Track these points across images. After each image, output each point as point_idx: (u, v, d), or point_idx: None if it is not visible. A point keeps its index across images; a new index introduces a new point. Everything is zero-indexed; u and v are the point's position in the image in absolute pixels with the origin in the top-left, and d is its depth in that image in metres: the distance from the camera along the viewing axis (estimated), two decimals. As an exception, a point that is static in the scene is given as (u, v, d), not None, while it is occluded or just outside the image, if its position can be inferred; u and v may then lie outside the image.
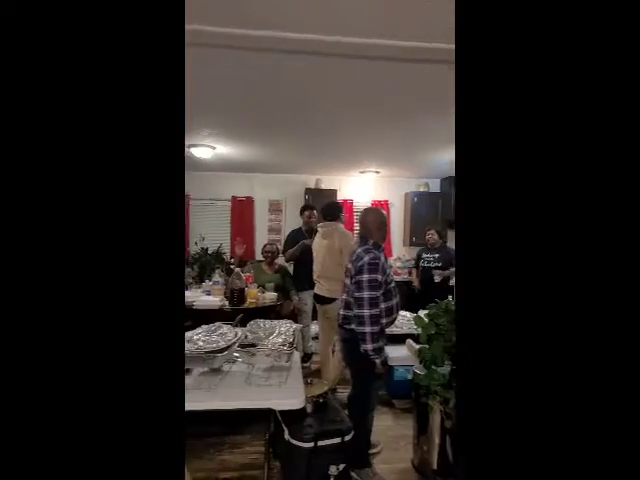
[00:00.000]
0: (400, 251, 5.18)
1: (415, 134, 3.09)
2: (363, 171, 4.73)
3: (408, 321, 2.80)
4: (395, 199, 5.18)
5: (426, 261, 3.72)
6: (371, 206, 4.89)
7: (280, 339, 1.57)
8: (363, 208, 2.56)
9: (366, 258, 1.72)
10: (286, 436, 1.56)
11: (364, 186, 5.13)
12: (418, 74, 1.94)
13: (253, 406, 1.34)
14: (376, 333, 1.69)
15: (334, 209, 2.77)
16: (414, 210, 4.95)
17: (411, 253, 4.77)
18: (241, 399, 1.34)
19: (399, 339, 2.55)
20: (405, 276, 4.62)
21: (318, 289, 2.76)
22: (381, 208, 4.58)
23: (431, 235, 3.78)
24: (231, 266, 3.43)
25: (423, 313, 2.08)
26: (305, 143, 3.52)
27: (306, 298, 3.19)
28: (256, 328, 1.65)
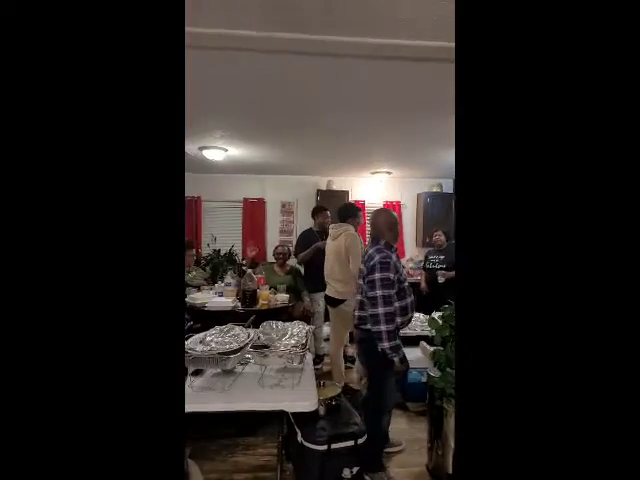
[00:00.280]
0: (413, 252, 5.13)
1: (427, 134, 3.05)
2: (375, 172, 4.70)
3: (421, 323, 2.77)
4: (407, 200, 5.14)
5: (431, 262, 3.69)
6: (382, 207, 4.88)
7: (293, 340, 1.57)
8: (374, 209, 2.55)
9: (377, 257, 1.74)
10: (299, 438, 1.55)
11: (376, 187, 5.10)
12: (429, 74, 1.92)
13: (266, 408, 1.34)
14: (392, 331, 1.68)
15: (345, 211, 2.76)
16: (427, 211, 4.89)
17: (424, 254, 4.72)
18: (254, 401, 1.34)
19: (412, 341, 2.53)
20: (418, 277, 4.57)
21: (328, 290, 2.77)
22: (392, 209, 4.57)
23: (438, 236, 3.74)
24: (243, 267, 3.45)
25: (437, 315, 2.05)
26: (316, 144, 3.52)
27: (318, 299, 3.18)
28: (269, 329, 1.64)
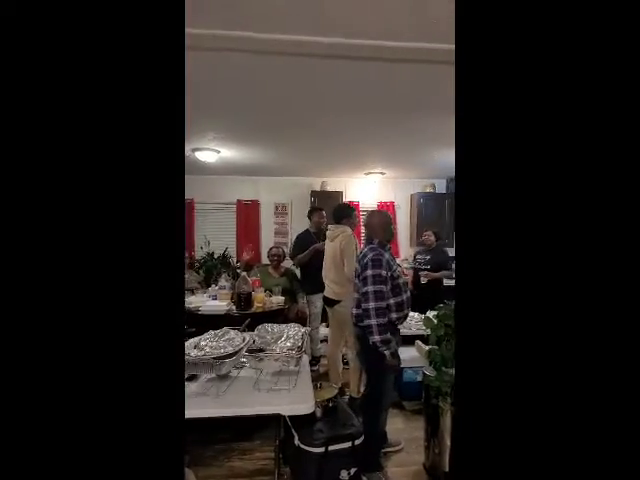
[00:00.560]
0: (407, 252, 5.15)
1: (420, 134, 3.07)
2: (368, 172, 4.71)
3: (416, 322, 2.78)
4: (401, 200, 5.15)
5: (418, 262, 3.68)
6: (376, 208, 4.90)
7: (289, 343, 1.56)
8: (369, 211, 2.56)
9: (370, 255, 1.83)
10: (296, 441, 1.55)
11: (370, 187, 5.11)
12: (423, 75, 1.93)
13: (262, 412, 1.33)
14: (382, 325, 1.73)
15: (340, 212, 2.76)
16: (420, 211, 4.91)
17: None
18: (249, 405, 1.33)
19: (408, 340, 2.53)
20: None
21: (326, 291, 2.78)
22: (386, 210, 4.59)
23: (428, 236, 3.73)
24: (237, 270, 3.43)
25: (432, 314, 2.06)
26: (310, 146, 3.52)
27: (315, 301, 3.18)
28: (264, 333, 1.64)
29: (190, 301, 2.75)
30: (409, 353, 2.45)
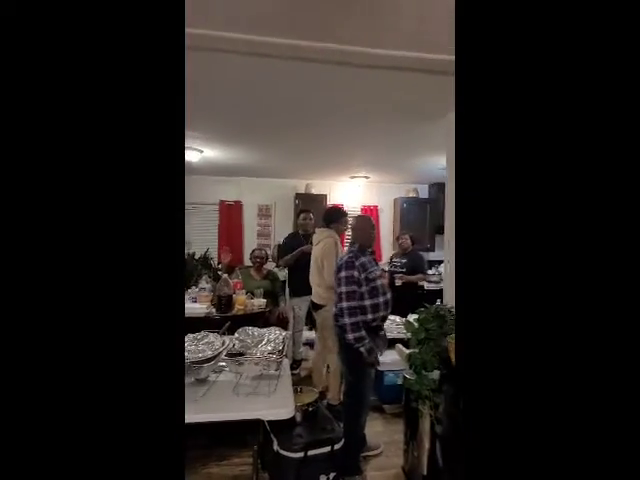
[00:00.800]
0: (389, 255, 5.19)
1: (404, 140, 3.11)
2: (353, 176, 4.74)
3: (397, 326, 2.80)
4: (385, 204, 5.20)
5: (394, 265, 3.71)
6: (361, 213, 4.94)
7: (269, 347, 1.54)
8: (353, 213, 2.56)
9: (345, 257, 1.95)
10: (275, 447, 1.53)
11: (354, 191, 5.13)
12: (407, 82, 1.95)
13: (241, 417, 1.31)
14: (355, 324, 1.81)
15: (329, 215, 2.72)
16: (403, 215, 4.98)
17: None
18: (228, 410, 1.31)
19: (389, 343, 2.54)
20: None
21: (312, 295, 2.76)
22: (369, 215, 4.62)
23: (404, 240, 3.78)
24: (218, 272, 3.38)
25: (413, 318, 2.08)
26: (295, 148, 3.51)
27: (300, 303, 3.16)
28: (244, 336, 1.61)
29: (169, 303, 2.69)
30: (390, 356, 2.46)
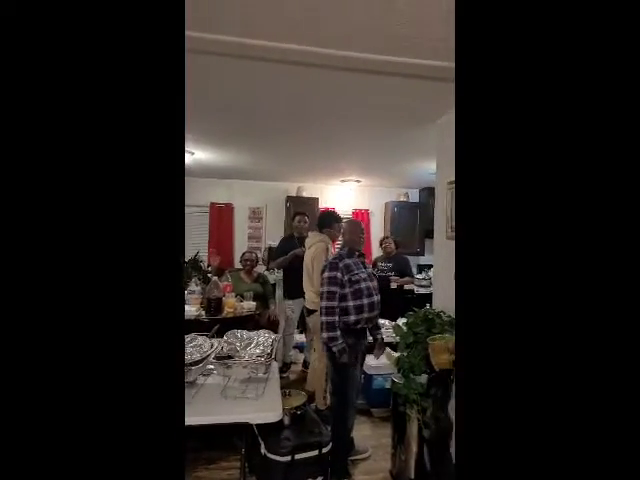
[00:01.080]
0: (373, 260, 5.23)
1: (395, 145, 3.14)
2: (344, 180, 4.77)
3: (386, 329, 2.81)
4: (375, 208, 5.24)
5: (380, 270, 3.73)
6: (352, 216, 4.98)
7: (258, 350, 1.54)
8: (343, 218, 2.56)
9: (330, 259, 2.01)
10: (262, 450, 1.53)
11: (345, 195, 5.17)
12: (398, 88, 1.98)
13: (229, 420, 1.30)
14: (331, 323, 1.86)
15: (323, 220, 2.70)
16: (394, 219, 5.02)
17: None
18: (216, 414, 1.30)
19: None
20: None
21: (306, 301, 2.75)
22: (359, 220, 4.65)
23: (388, 244, 3.82)
24: (208, 275, 3.36)
25: (402, 322, 2.10)
26: (287, 151, 3.52)
27: (294, 306, 3.15)
28: (233, 339, 1.61)
29: (158, 305, 2.66)
30: (379, 360, 2.48)
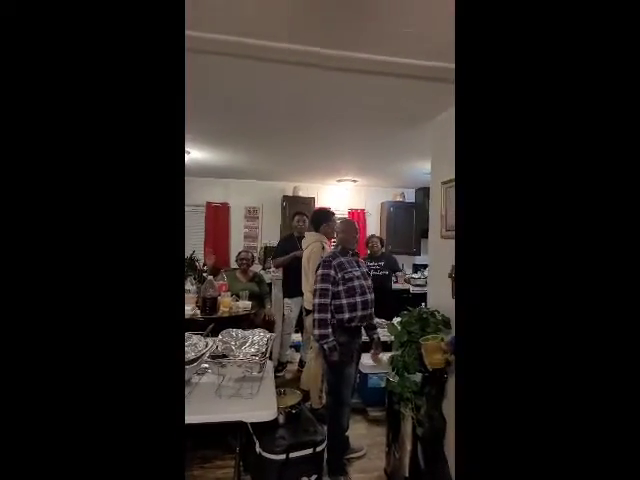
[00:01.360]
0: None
1: (390, 145, 3.15)
2: (341, 180, 4.77)
3: (382, 329, 2.83)
4: (372, 208, 5.26)
5: (373, 269, 3.73)
6: (348, 216, 4.99)
7: (253, 349, 1.55)
8: (339, 217, 2.56)
9: (324, 257, 2.03)
10: (257, 449, 1.53)
11: (341, 194, 5.17)
12: (396, 89, 1.99)
13: (223, 419, 1.31)
14: (322, 320, 1.88)
15: (316, 219, 2.70)
16: (390, 219, 5.04)
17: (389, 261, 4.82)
18: (211, 412, 1.31)
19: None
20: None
21: (305, 302, 2.75)
22: (353, 220, 4.65)
23: (374, 243, 3.88)
24: (204, 274, 3.36)
25: (396, 321, 2.11)
26: (283, 151, 3.52)
27: (291, 305, 3.15)
28: (228, 338, 1.61)
29: (153, 305, 2.66)
30: (372, 362, 2.49)
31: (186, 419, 1.28)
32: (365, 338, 2.16)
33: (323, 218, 2.67)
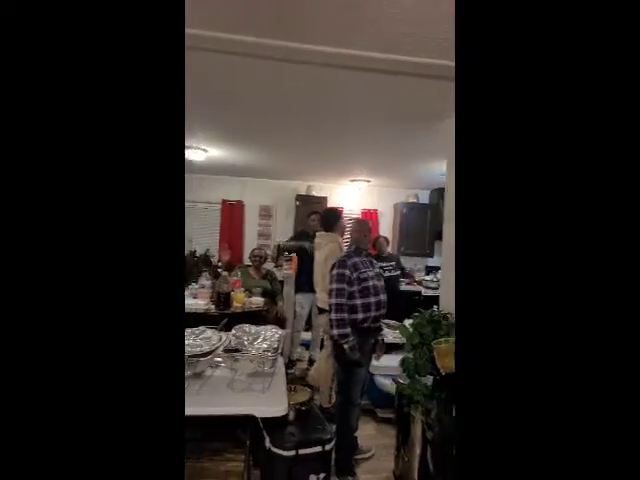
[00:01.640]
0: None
1: (405, 146, 3.14)
2: (354, 180, 4.77)
3: (393, 330, 2.81)
4: (385, 209, 5.23)
5: (386, 270, 3.61)
6: (360, 216, 4.97)
7: (265, 344, 1.56)
8: (352, 217, 2.53)
9: (339, 257, 2.04)
10: (267, 444, 1.54)
11: (354, 194, 5.16)
12: (412, 88, 1.98)
13: (235, 412, 1.32)
14: (340, 320, 1.86)
15: (327, 220, 2.68)
16: (403, 220, 5.00)
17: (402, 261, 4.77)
18: (223, 405, 1.33)
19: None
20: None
21: (318, 299, 2.73)
22: (367, 220, 4.63)
23: (381, 243, 3.80)
24: (219, 270, 3.40)
25: (408, 322, 2.10)
26: (298, 149, 3.54)
27: (303, 302, 3.16)
28: (241, 333, 1.63)
29: (168, 298, 2.71)
30: (385, 361, 2.48)
31: (198, 410, 1.31)
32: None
33: (335, 218, 2.67)
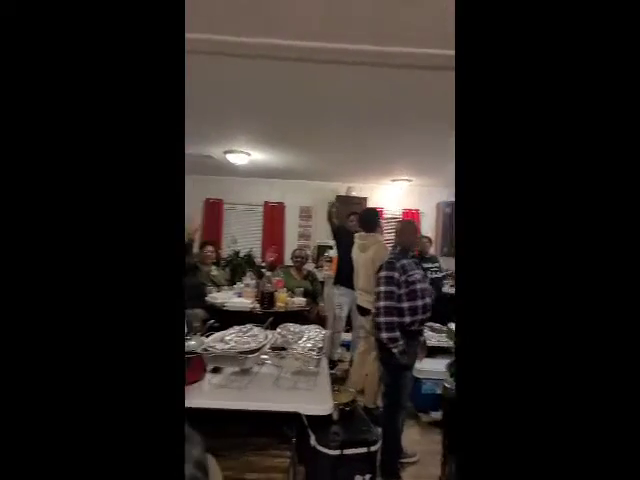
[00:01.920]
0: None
1: (450, 142, 3.04)
2: (395, 179, 4.69)
3: (438, 334, 2.74)
4: (427, 209, 5.10)
5: (432, 271, 3.46)
6: (402, 217, 4.91)
7: (309, 344, 1.58)
8: (393, 217, 2.49)
9: (386, 259, 1.99)
10: (312, 442, 1.56)
11: (395, 194, 5.08)
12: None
13: (281, 409, 1.36)
14: (390, 323, 1.81)
15: (370, 219, 2.67)
16: (446, 220, 4.84)
17: (446, 263, 4.61)
18: (269, 401, 1.37)
19: (428, 352, 2.49)
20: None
21: (359, 300, 2.73)
22: (413, 220, 4.54)
23: (424, 244, 3.66)
24: (262, 270, 3.50)
25: (454, 326, 2.03)
26: (338, 150, 3.55)
27: (342, 300, 3.17)
28: (286, 332, 1.67)
29: (216, 297, 2.83)
30: (429, 365, 2.42)
31: (245, 405, 1.35)
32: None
33: (376, 218, 2.66)
